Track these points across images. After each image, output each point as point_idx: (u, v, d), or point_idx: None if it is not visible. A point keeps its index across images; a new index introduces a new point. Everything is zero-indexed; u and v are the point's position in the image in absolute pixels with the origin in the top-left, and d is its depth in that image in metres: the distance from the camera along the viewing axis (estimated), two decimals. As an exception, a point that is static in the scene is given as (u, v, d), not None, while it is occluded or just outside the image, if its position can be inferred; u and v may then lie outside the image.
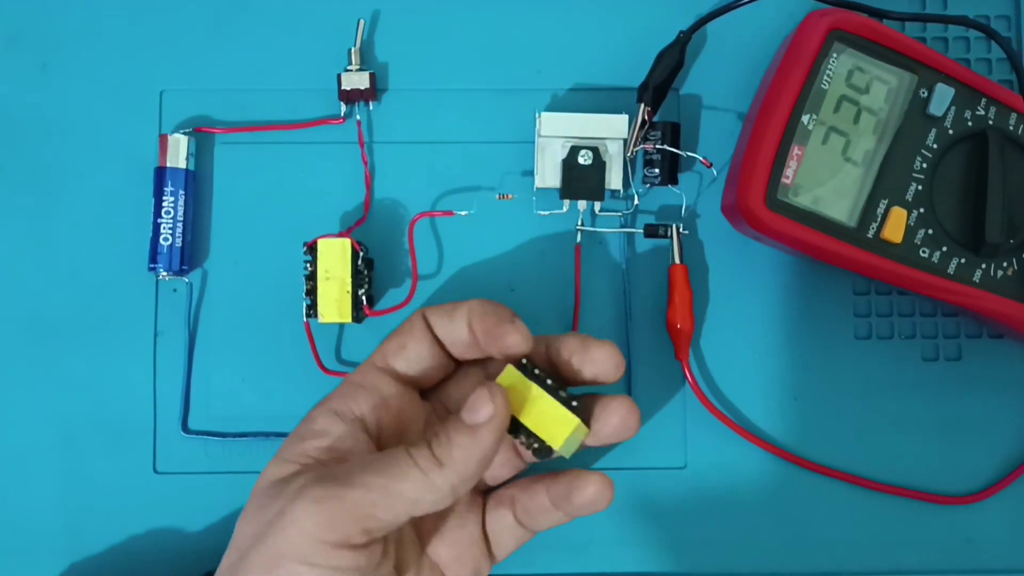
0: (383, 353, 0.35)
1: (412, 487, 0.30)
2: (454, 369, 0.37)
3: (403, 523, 0.30)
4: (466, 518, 0.35)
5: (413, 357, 0.35)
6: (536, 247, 0.41)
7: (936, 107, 0.38)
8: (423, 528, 0.35)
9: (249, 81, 0.42)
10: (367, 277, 0.39)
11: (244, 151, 0.41)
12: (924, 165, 0.38)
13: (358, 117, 0.41)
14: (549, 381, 0.33)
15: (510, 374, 0.33)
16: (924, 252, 0.38)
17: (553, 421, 0.32)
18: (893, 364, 0.42)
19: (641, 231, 0.40)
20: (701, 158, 0.40)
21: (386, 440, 0.34)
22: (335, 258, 0.38)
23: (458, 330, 0.34)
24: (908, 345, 0.42)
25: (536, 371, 0.33)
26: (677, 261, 0.40)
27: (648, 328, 0.41)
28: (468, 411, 0.31)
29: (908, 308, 0.42)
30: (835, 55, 0.37)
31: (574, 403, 0.33)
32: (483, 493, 0.36)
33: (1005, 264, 0.38)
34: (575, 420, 0.32)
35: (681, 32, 0.40)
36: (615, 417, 0.33)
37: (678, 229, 0.40)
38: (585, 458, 0.40)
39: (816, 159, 0.37)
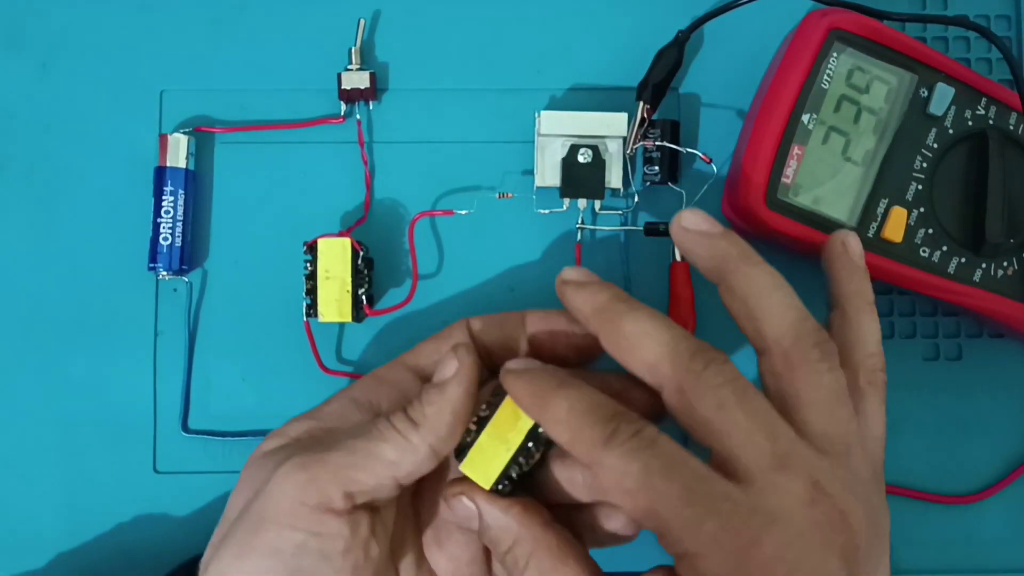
0: (416, 354, 0.35)
1: (391, 448, 0.30)
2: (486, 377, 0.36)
3: (387, 489, 0.31)
4: (469, 534, 0.33)
5: None
6: (536, 246, 0.41)
7: (936, 107, 0.38)
8: (424, 535, 0.34)
9: (249, 81, 0.42)
10: (367, 277, 0.39)
11: (244, 151, 0.41)
12: (924, 165, 0.38)
13: (358, 117, 0.41)
14: (529, 445, 0.31)
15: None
16: (924, 252, 0.38)
17: (491, 460, 0.31)
18: (893, 364, 0.41)
19: (641, 229, 0.40)
20: (701, 154, 0.40)
21: None
22: (335, 258, 0.38)
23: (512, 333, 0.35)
24: (908, 345, 0.42)
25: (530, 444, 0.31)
26: (678, 259, 0.40)
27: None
28: (437, 372, 0.32)
29: (908, 308, 0.42)
30: (835, 55, 0.37)
31: (508, 482, 0.31)
32: None
33: (1005, 264, 0.38)
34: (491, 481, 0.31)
35: (680, 31, 0.40)
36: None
37: (678, 228, 0.40)
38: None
39: (816, 159, 0.37)
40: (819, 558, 0.27)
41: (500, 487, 0.31)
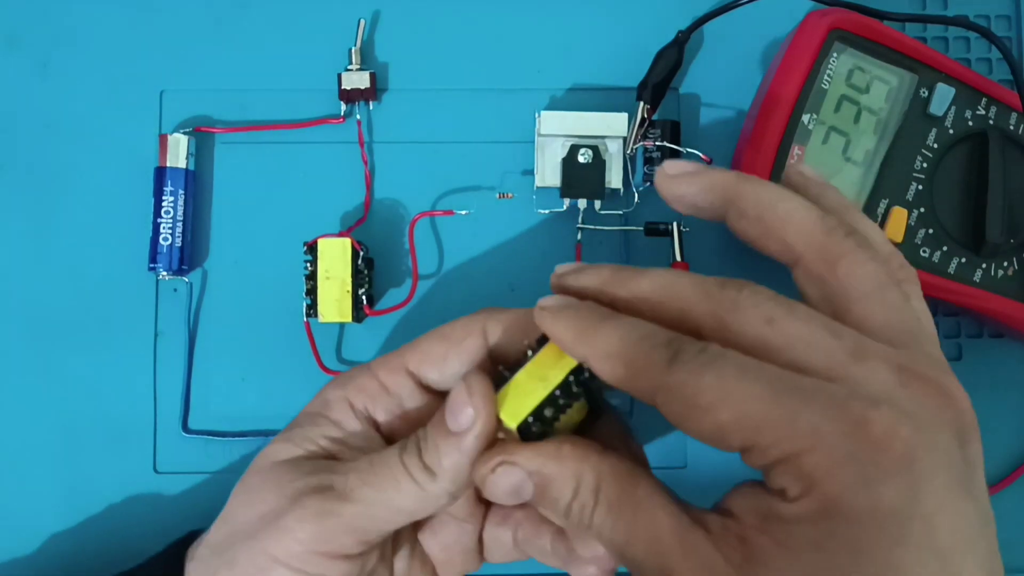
0: (420, 356, 0.32)
1: (408, 499, 0.29)
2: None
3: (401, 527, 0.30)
4: (464, 526, 0.33)
5: (450, 374, 0.32)
6: (537, 246, 0.41)
7: (937, 107, 0.38)
8: (419, 524, 0.34)
9: (249, 81, 0.42)
10: (367, 277, 0.39)
11: (244, 151, 0.41)
12: (925, 165, 0.38)
13: (358, 117, 0.41)
14: (570, 381, 0.28)
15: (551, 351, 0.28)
16: (924, 252, 0.38)
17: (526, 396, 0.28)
18: (893, 364, 0.42)
19: (642, 229, 0.40)
20: (701, 154, 0.40)
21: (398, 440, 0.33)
22: (335, 258, 0.38)
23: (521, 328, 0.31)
24: (908, 345, 0.42)
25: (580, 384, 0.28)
26: (678, 259, 0.40)
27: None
28: (450, 415, 0.28)
29: (908, 308, 0.42)
30: (835, 55, 0.37)
31: (540, 423, 0.27)
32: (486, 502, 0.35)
33: (1005, 264, 0.38)
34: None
35: (680, 31, 0.40)
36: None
37: (679, 227, 0.40)
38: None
39: (816, 159, 0.37)
40: (933, 433, 0.24)
41: (532, 427, 0.27)
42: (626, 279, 0.28)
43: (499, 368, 0.29)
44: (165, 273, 0.40)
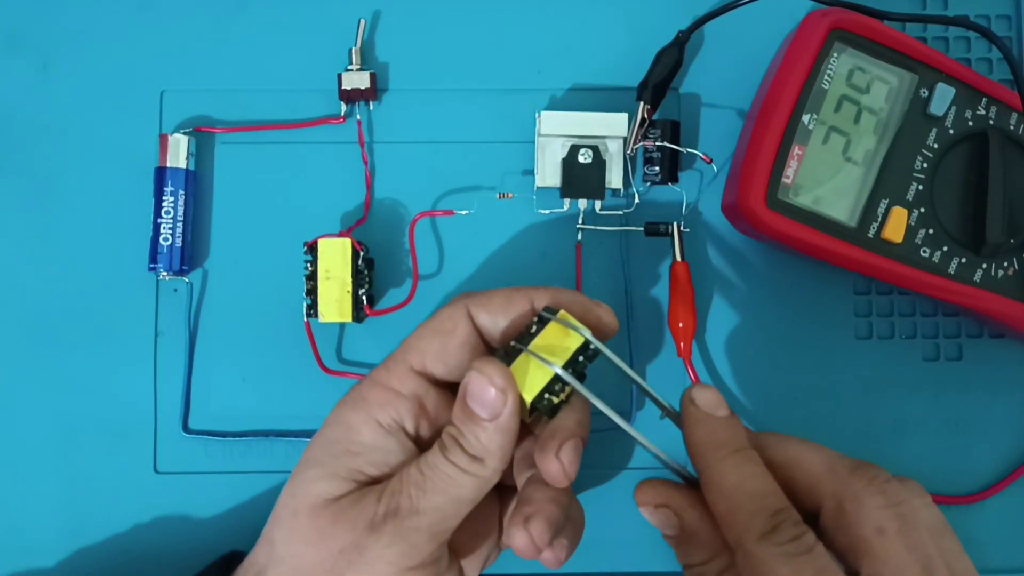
0: (420, 353, 0.33)
1: (469, 490, 0.31)
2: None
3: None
4: (486, 514, 0.35)
5: (454, 364, 0.33)
6: (537, 246, 0.41)
7: (937, 107, 0.38)
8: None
9: (249, 81, 0.42)
10: (368, 277, 0.39)
11: (244, 151, 0.41)
12: (925, 165, 0.38)
13: (358, 117, 0.41)
14: (579, 359, 0.31)
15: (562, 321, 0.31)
16: (925, 252, 0.38)
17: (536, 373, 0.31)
18: (894, 364, 0.42)
19: (642, 229, 0.40)
20: (701, 154, 0.40)
21: (425, 441, 0.34)
22: (335, 258, 0.38)
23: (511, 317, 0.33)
24: (909, 345, 0.42)
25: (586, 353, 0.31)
26: (678, 259, 0.40)
27: (650, 326, 0.41)
28: (477, 403, 0.30)
29: (909, 308, 0.42)
30: (836, 55, 0.37)
31: (549, 396, 0.31)
32: (500, 490, 0.36)
33: (1006, 264, 0.38)
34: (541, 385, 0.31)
35: (680, 31, 0.40)
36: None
37: (679, 227, 0.40)
38: (585, 458, 0.40)
39: (816, 159, 0.37)
40: None
41: (544, 400, 0.31)
42: (775, 442, 0.31)
43: (511, 344, 0.32)
44: (165, 273, 0.40)
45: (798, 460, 0.30)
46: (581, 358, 0.31)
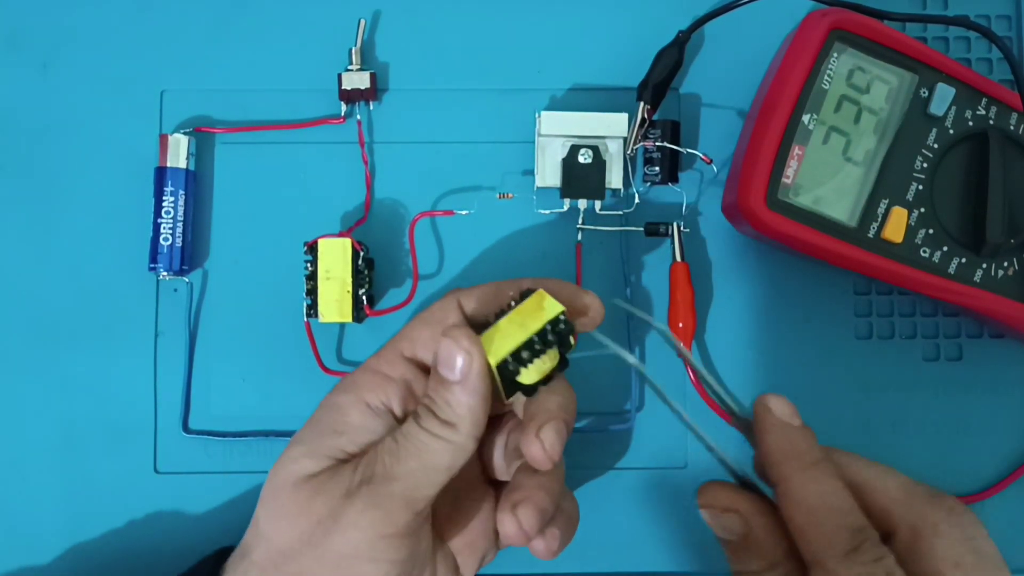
0: (411, 343, 0.34)
1: (442, 456, 0.31)
2: None
3: (441, 490, 0.32)
4: (480, 509, 0.35)
5: None
6: (537, 246, 0.41)
7: (937, 107, 0.38)
8: (439, 515, 0.35)
9: (249, 81, 0.42)
10: (368, 277, 0.39)
11: (244, 151, 0.41)
12: (925, 165, 0.38)
13: (358, 117, 0.41)
14: (548, 333, 0.31)
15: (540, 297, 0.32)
16: (925, 252, 0.38)
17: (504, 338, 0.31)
18: (894, 364, 0.42)
19: (642, 229, 0.40)
20: (701, 155, 0.40)
21: None
22: (336, 258, 0.38)
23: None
24: (909, 345, 0.42)
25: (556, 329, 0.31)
26: (678, 259, 0.40)
27: (650, 326, 0.41)
28: (445, 367, 0.31)
29: (909, 308, 0.42)
30: (836, 55, 0.37)
31: (517, 364, 0.31)
32: (494, 484, 0.36)
33: (1006, 264, 0.38)
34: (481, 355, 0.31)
35: (680, 31, 0.40)
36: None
37: (679, 227, 0.40)
38: (585, 458, 0.40)
39: (817, 159, 0.37)
40: None
41: (509, 366, 0.31)
42: (850, 462, 0.30)
43: (487, 320, 0.32)
44: (165, 273, 0.40)
45: (873, 482, 0.30)
46: (552, 331, 0.31)
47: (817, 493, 0.28)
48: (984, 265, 0.38)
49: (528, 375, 0.31)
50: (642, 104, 0.40)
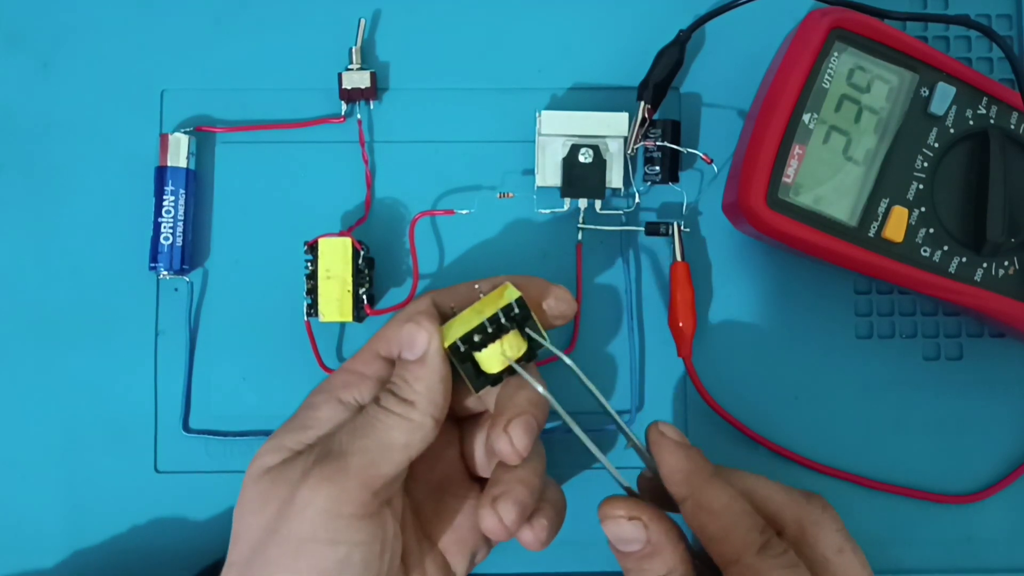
0: (386, 341, 0.34)
1: (398, 433, 0.31)
2: None
3: (402, 474, 0.32)
4: (466, 506, 0.35)
5: None
6: (537, 246, 0.41)
7: (937, 106, 0.38)
8: (424, 513, 0.35)
9: (249, 80, 0.42)
10: (368, 276, 0.39)
11: (245, 150, 0.41)
12: (925, 164, 0.38)
13: (359, 116, 0.41)
14: (500, 318, 0.33)
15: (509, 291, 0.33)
16: (925, 251, 0.38)
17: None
18: (894, 363, 0.42)
19: (642, 229, 0.40)
20: (702, 154, 0.40)
21: None
22: (336, 257, 0.38)
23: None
24: (909, 344, 0.42)
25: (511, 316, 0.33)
26: (679, 259, 0.40)
27: (650, 326, 0.41)
28: (408, 349, 0.32)
29: (909, 307, 0.42)
30: (836, 54, 0.37)
31: (468, 346, 0.32)
32: (479, 481, 0.36)
33: (1006, 263, 0.38)
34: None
35: (681, 31, 0.40)
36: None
37: (679, 227, 0.40)
38: (584, 458, 0.40)
39: (817, 158, 0.37)
40: None
41: (461, 348, 0.32)
42: (730, 473, 0.33)
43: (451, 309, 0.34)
44: (166, 272, 0.40)
45: (759, 489, 0.33)
46: (506, 316, 0.32)
47: (724, 501, 0.31)
48: (985, 264, 0.38)
49: (490, 363, 0.32)
50: (642, 103, 0.40)
